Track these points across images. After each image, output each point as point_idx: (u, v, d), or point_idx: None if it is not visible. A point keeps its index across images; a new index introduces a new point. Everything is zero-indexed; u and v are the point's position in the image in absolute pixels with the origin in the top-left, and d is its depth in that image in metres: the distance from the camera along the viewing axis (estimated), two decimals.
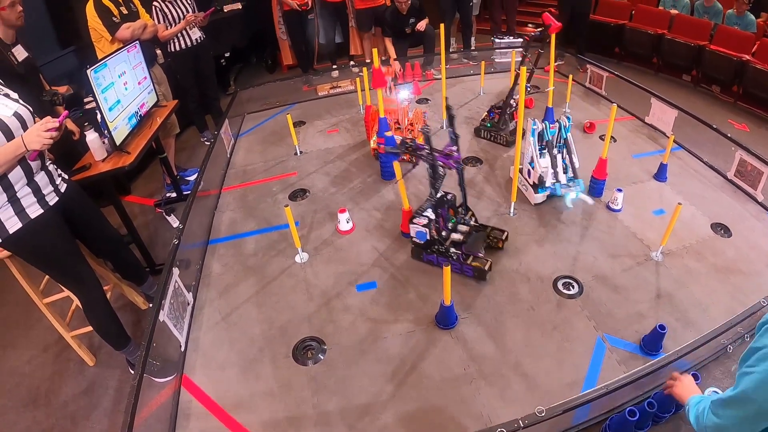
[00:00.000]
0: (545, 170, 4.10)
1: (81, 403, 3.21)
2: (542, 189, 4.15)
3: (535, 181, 4.15)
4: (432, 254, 3.64)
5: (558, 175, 4.14)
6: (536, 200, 4.20)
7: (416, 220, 3.60)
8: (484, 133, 5.34)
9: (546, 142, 4.07)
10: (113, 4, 4.42)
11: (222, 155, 5.36)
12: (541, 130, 4.05)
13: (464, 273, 3.56)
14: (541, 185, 4.12)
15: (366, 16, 7.53)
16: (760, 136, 5.69)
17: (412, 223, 3.60)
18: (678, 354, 2.70)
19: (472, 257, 3.52)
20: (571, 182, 4.15)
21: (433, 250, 3.62)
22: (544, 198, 4.21)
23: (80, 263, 2.97)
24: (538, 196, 4.18)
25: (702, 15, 7.41)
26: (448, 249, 3.56)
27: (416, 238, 3.66)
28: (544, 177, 4.11)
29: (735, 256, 3.66)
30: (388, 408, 2.78)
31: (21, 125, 2.56)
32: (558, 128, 4.09)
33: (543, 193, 4.18)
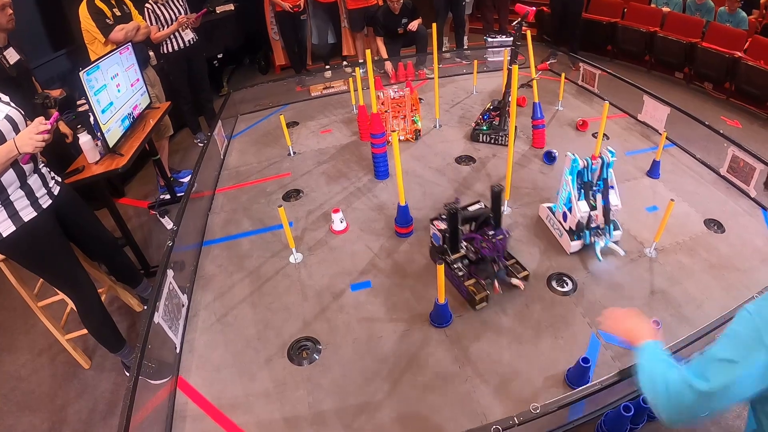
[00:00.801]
0: (584, 215, 3.57)
1: (77, 406, 3.21)
2: (579, 236, 3.65)
3: (572, 227, 3.66)
4: (442, 260, 3.40)
5: (592, 219, 3.62)
6: (572, 249, 3.67)
7: (436, 222, 3.54)
8: (482, 137, 5.27)
9: (584, 182, 3.60)
10: (106, 6, 4.41)
11: (215, 156, 5.36)
12: (583, 167, 3.56)
13: (460, 292, 3.40)
14: (580, 232, 3.64)
15: (358, 17, 7.54)
16: (752, 133, 5.72)
17: (432, 223, 3.55)
18: (672, 350, 2.71)
19: (474, 281, 3.31)
20: (602, 230, 3.65)
21: (443, 257, 3.44)
22: (580, 246, 3.68)
23: (74, 266, 2.97)
24: (574, 244, 3.65)
25: (694, 12, 7.45)
26: (454, 261, 3.39)
27: (432, 239, 3.63)
28: (583, 223, 3.61)
29: (728, 252, 3.68)
30: (383, 407, 2.78)
31: (13, 128, 2.56)
32: (602, 165, 3.57)
33: (579, 241, 3.65)
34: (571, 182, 3.57)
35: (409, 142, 5.44)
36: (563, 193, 3.67)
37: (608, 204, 3.59)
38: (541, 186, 4.48)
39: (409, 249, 3.86)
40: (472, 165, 4.89)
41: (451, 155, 5.05)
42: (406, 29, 6.97)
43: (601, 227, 3.64)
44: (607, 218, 3.62)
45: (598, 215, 3.59)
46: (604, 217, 3.62)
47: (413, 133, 5.46)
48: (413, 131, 5.46)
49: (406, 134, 5.45)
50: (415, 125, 5.46)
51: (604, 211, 3.60)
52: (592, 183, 3.61)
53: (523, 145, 5.13)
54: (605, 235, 3.62)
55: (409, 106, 5.32)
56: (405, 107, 5.31)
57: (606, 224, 3.64)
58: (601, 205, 3.59)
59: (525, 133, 5.29)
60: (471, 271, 3.34)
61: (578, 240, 3.63)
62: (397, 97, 5.24)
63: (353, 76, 6.21)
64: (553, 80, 6.30)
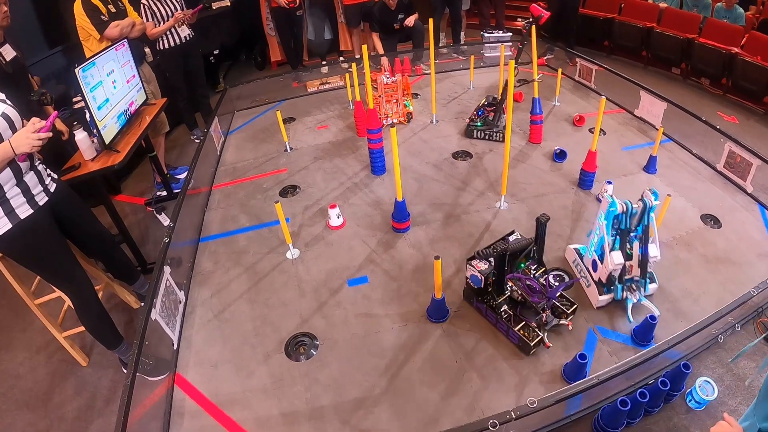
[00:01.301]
0: (618, 268, 3.10)
1: (75, 403, 3.20)
2: (609, 290, 3.20)
3: (602, 278, 3.19)
4: (482, 303, 3.18)
5: (626, 271, 3.17)
6: (600, 303, 3.22)
7: (475, 262, 3.12)
8: (476, 133, 5.28)
9: (622, 230, 3.12)
10: (101, 3, 4.38)
11: (212, 153, 5.35)
12: (621, 212, 3.06)
13: (509, 338, 3.06)
14: (611, 285, 3.19)
15: (354, 12, 7.53)
16: (749, 128, 5.72)
17: (470, 264, 3.13)
18: (669, 344, 2.72)
19: (523, 323, 3.01)
20: (636, 283, 3.20)
21: (483, 300, 3.16)
22: (609, 300, 3.23)
23: (71, 263, 2.95)
24: (602, 298, 3.20)
25: (691, 8, 7.44)
26: (500, 305, 3.09)
27: (470, 280, 3.19)
28: (615, 276, 3.16)
29: (725, 246, 3.69)
30: (381, 402, 2.79)
31: (9, 126, 2.54)
32: (643, 210, 3.06)
33: (609, 295, 3.20)
34: (606, 228, 3.09)
35: (402, 125, 5.67)
36: (595, 238, 3.21)
37: (647, 254, 3.12)
38: (538, 181, 4.48)
39: (406, 244, 3.87)
40: (469, 160, 4.88)
41: (447, 150, 5.04)
42: (402, 25, 6.95)
43: (636, 280, 3.19)
44: (643, 270, 3.16)
45: (632, 266, 3.17)
46: (639, 269, 3.16)
47: (405, 116, 5.71)
48: (405, 114, 5.71)
49: (399, 118, 5.68)
50: (407, 109, 5.72)
51: (640, 262, 3.14)
52: (630, 229, 3.14)
53: (519, 140, 5.13)
54: (639, 290, 3.18)
55: (401, 91, 5.55)
56: (397, 92, 5.54)
57: (642, 277, 3.18)
58: (638, 254, 3.12)
59: (522, 128, 5.29)
60: (519, 313, 3.04)
61: (608, 294, 3.19)
62: (390, 82, 5.48)
63: (350, 71, 6.19)
64: (550, 75, 6.29)
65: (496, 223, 3.98)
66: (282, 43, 7.97)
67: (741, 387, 2.81)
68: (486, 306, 3.15)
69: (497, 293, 3.07)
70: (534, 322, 2.98)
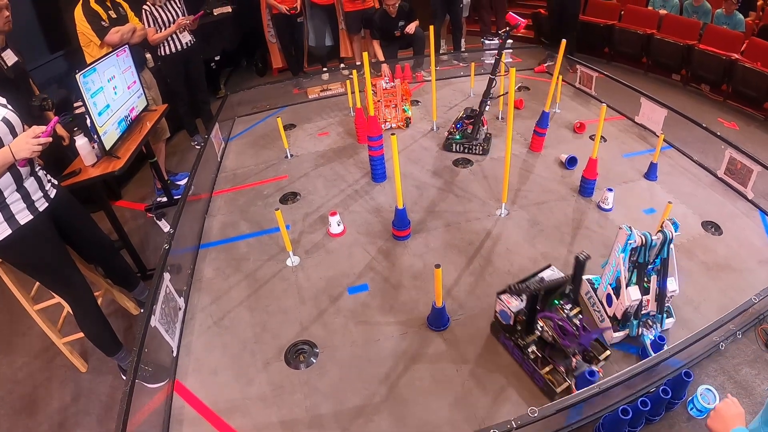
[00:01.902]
0: (634, 305, 2.95)
1: (73, 409, 3.18)
2: (624, 326, 3.03)
3: (617, 314, 3.03)
4: (509, 341, 3.01)
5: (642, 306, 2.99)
6: (614, 339, 3.03)
7: (505, 297, 2.92)
8: (455, 146, 5.13)
9: (639, 263, 2.96)
10: (102, 9, 4.40)
11: (212, 159, 5.35)
12: (639, 245, 2.88)
13: (534, 380, 2.88)
14: (626, 321, 3.02)
15: (355, 19, 7.54)
16: (749, 134, 5.72)
17: (500, 298, 2.95)
18: (671, 352, 2.71)
19: (551, 366, 2.84)
20: (652, 318, 3.07)
21: (512, 337, 2.98)
22: (624, 336, 3.06)
23: (71, 269, 2.95)
24: (617, 335, 3.02)
25: (691, 15, 7.45)
26: (528, 345, 2.90)
27: (499, 315, 3.04)
28: (631, 313, 3.00)
29: (726, 253, 3.69)
30: (381, 410, 2.77)
31: (9, 131, 2.54)
32: (662, 242, 2.89)
33: (624, 332, 3.04)
34: (623, 262, 2.92)
35: (400, 129, 5.73)
36: (611, 270, 3.02)
37: (665, 288, 2.99)
38: (539, 189, 4.47)
39: (406, 252, 3.86)
40: (470, 167, 4.88)
41: (448, 158, 5.04)
42: (403, 32, 6.96)
43: (652, 315, 3.06)
44: (660, 305, 3.02)
45: (649, 300, 3.01)
46: (657, 303, 3.03)
47: (404, 121, 5.77)
48: (404, 119, 5.76)
49: (397, 122, 5.75)
50: (406, 114, 5.78)
51: (657, 296, 3.01)
52: (648, 262, 2.96)
53: (521, 148, 5.13)
54: (655, 326, 3.06)
55: (400, 97, 5.60)
56: (396, 97, 5.59)
57: (659, 312, 3.05)
58: (656, 288, 2.99)
59: (522, 135, 5.28)
60: (546, 355, 2.88)
61: (623, 331, 3.03)
62: (389, 87, 5.54)
63: (350, 78, 6.20)
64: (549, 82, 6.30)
65: (496, 231, 3.98)
66: (283, 49, 7.99)
67: (743, 395, 2.80)
68: (513, 344, 2.98)
69: (526, 332, 2.89)
70: (563, 366, 2.80)
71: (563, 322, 2.77)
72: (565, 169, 4.72)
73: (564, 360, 2.79)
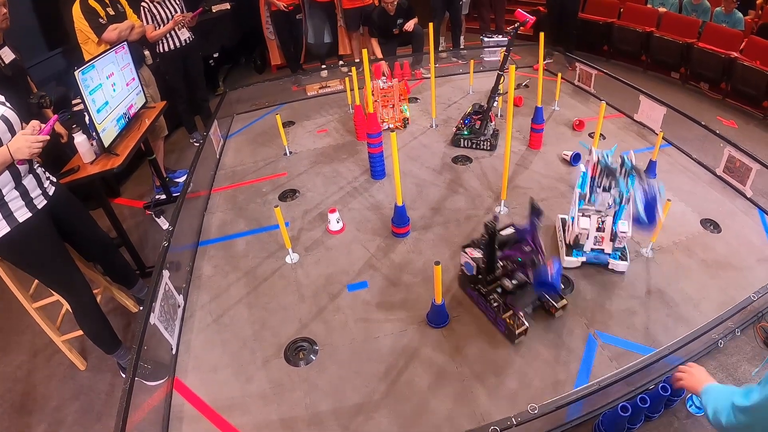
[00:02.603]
0: (583, 232, 3.41)
1: (72, 407, 3.18)
2: (577, 253, 3.53)
3: (569, 241, 3.55)
4: (474, 291, 3.30)
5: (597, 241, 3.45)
6: (567, 263, 3.54)
7: (469, 250, 3.21)
8: (463, 142, 5.19)
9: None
10: (100, 6, 4.38)
11: (211, 156, 5.35)
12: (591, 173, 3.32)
13: (497, 325, 3.17)
14: (577, 248, 3.52)
15: (354, 16, 7.52)
16: (748, 132, 5.73)
17: (464, 251, 3.23)
18: (670, 349, 2.72)
19: (511, 312, 3.08)
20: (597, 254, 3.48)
21: (476, 287, 3.28)
22: (578, 264, 3.54)
23: (69, 267, 2.94)
24: (570, 260, 3.53)
25: (690, 13, 7.45)
26: (489, 293, 3.18)
27: (464, 267, 3.30)
28: (580, 239, 3.47)
29: (725, 251, 3.69)
30: (381, 407, 2.77)
31: (8, 129, 2.53)
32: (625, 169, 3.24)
33: (577, 258, 3.52)
34: (577, 197, 3.43)
35: (398, 130, 5.61)
36: (574, 205, 3.49)
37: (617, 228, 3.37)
38: (537, 186, 4.48)
39: (405, 249, 3.86)
40: (469, 165, 4.88)
41: (447, 155, 5.04)
42: (401, 29, 6.96)
43: (606, 253, 3.47)
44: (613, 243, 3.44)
45: (603, 237, 3.42)
46: (611, 243, 3.44)
47: (401, 121, 5.68)
48: (401, 120, 5.67)
49: (395, 123, 5.64)
50: (403, 114, 5.69)
51: (611, 236, 3.41)
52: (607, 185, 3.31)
53: (519, 145, 5.13)
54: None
55: (397, 96, 5.53)
56: (393, 97, 5.52)
57: (613, 251, 3.48)
58: (611, 228, 3.39)
59: (522, 133, 5.28)
60: (507, 302, 3.10)
61: (576, 257, 3.51)
62: (386, 87, 5.46)
63: (349, 75, 6.20)
64: (549, 80, 6.29)
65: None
66: (282, 46, 7.97)
67: None
68: (477, 293, 3.26)
69: (488, 271, 3.11)
70: (521, 310, 3.07)
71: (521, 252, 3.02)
72: (566, 166, 4.71)
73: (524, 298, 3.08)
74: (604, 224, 3.38)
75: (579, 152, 4.71)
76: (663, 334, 3.01)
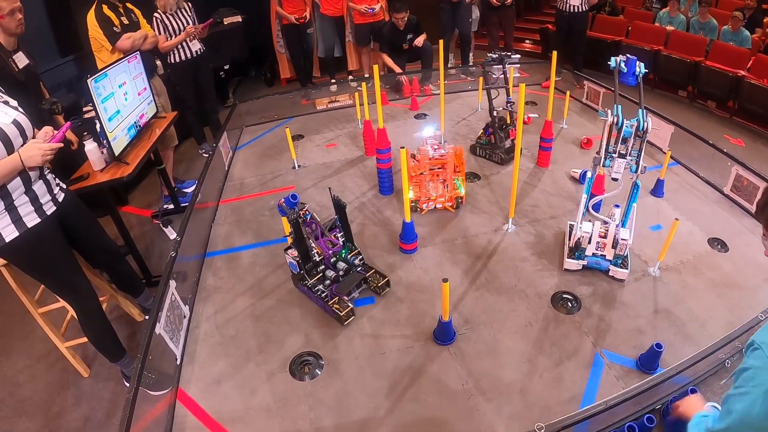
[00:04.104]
0: (585, 235, 3.56)
1: (74, 414, 3.17)
2: (579, 256, 3.64)
3: (572, 244, 3.69)
4: (304, 287, 3.53)
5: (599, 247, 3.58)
6: (566, 265, 3.68)
7: (290, 251, 3.49)
8: (479, 150, 5.35)
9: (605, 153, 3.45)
10: (114, 14, 4.43)
11: (220, 168, 5.36)
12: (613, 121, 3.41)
13: (327, 312, 3.45)
14: (578, 251, 3.64)
15: (364, 31, 7.58)
16: (756, 151, 5.73)
17: (286, 253, 3.54)
18: (677, 369, 2.70)
19: (337, 299, 3.38)
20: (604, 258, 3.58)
21: (305, 283, 3.49)
22: (579, 267, 3.66)
23: (76, 274, 2.95)
24: (570, 262, 3.66)
25: (697, 31, 7.49)
26: (314, 285, 3.46)
27: (290, 268, 3.61)
28: (582, 243, 3.60)
29: (732, 270, 3.67)
30: (385, 424, 2.75)
31: (20, 133, 2.55)
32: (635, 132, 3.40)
33: (578, 261, 3.64)
34: (584, 201, 3.55)
35: (447, 211, 4.46)
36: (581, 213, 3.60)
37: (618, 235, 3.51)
38: (545, 204, 4.47)
39: (413, 265, 3.85)
40: (477, 182, 4.88)
41: None
42: (411, 45, 7.00)
43: (608, 260, 3.57)
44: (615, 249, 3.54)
45: (605, 244, 3.55)
46: (613, 250, 3.55)
47: (453, 201, 4.43)
48: (453, 199, 4.43)
49: (444, 203, 4.44)
50: (457, 192, 4.43)
51: (613, 242, 3.54)
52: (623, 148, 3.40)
53: (528, 162, 5.13)
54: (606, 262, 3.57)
55: (451, 168, 4.29)
56: (446, 170, 4.28)
57: (614, 259, 3.57)
58: (614, 236, 3.54)
59: (530, 150, 5.29)
60: (333, 291, 3.41)
61: (577, 260, 3.63)
62: (437, 156, 4.21)
63: (359, 90, 6.23)
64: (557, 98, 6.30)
65: (503, 246, 3.97)
66: (292, 59, 8.02)
67: None
68: (307, 288, 3.48)
69: (303, 260, 3.41)
70: (346, 295, 3.40)
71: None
72: (574, 184, 4.71)
73: (346, 284, 3.43)
74: (608, 231, 3.53)
75: (587, 170, 4.70)
76: (670, 353, 2.98)
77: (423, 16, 7.11)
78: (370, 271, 3.62)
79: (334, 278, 3.45)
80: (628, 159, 3.39)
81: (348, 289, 3.42)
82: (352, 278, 3.48)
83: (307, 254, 3.41)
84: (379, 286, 3.55)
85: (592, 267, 3.63)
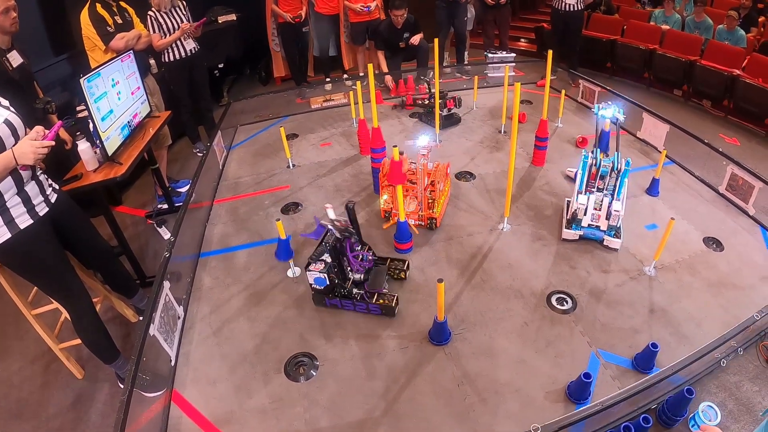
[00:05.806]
0: (580, 207, 3.86)
1: (69, 416, 3.16)
2: (576, 227, 3.94)
3: (569, 216, 3.97)
4: (335, 299, 3.45)
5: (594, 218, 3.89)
6: (564, 235, 3.99)
7: (313, 266, 3.31)
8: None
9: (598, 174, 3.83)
10: (108, 13, 4.40)
11: (214, 167, 5.34)
12: (592, 162, 3.86)
13: (371, 312, 3.43)
14: (575, 223, 3.94)
15: (360, 30, 7.55)
16: (750, 150, 5.74)
17: (309, 270, 3.31)
18: (673, 369, 2.70)
19: (376, 295, 3.40)
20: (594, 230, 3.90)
21: (335, 294, 3.44)
22: (575, 237, 3.95)
23: (69, 275, 2.93)
24: (569, 232, 3.96)
25: (693, 30, 7.50)
26: (351, 290, 3.43)
27: (315, 284, 3.36)
28: (578, 214, 3.90)
29: (727, 270, 3.68)
30: (381, 425, 2.74)
31: (12, 133, 2.53)
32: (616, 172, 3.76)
33: (576, 231, 3.94)
34: (581, 177, 3.84)
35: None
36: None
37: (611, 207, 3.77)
38: (541, 204, 4.47)
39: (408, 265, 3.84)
40: (472, 181, 4.87)
41: (451, 171, 5.03)
42: (407, 43, 6.99)
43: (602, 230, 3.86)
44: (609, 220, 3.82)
45: (600, 216, 3.81)
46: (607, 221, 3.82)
47: (426, 221, 4.19)
48: (427, 219, 4.17)
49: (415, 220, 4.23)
50: (431, 213, 4.13)
51: (607, 214, 3.79)
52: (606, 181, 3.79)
53: (522, 162, 5.13)
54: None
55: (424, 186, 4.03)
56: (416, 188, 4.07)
57: (609, 230, 3.84)
58: (607, 207, 3.79)
59: (525, 149, 5.28)
60: (367, 290, 3.42)
61: (575, 230, 3.92)
62: (410, 169, 4.17)
63: (354, 89, 6.21)
64: (553, 97, 6.31)
65: (498, 245, 3.96)
66: (287, 58, 7.99)
67: (744, 411, 2.77)
68: (339, 298, 3.44)
69: (343, 280, 3.42)
70: (384, 288, 3.42)
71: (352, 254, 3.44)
72: (569, 184, 4.70)
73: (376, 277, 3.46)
74: (602, 204, 3.80)
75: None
76: (666, 353, 2.98)
77: (419, 14, 7.10)
78: (387, 260, 3.71)
79: (362, 279, 3.46)
80: (605, 192, 3.82)
81: (382, 282, 3.43)
82: (378, 271, 3.52)
83: (345, 275, 3.45)
84: (404, 270, 3.66)
85: (588, 238, 3.90)
